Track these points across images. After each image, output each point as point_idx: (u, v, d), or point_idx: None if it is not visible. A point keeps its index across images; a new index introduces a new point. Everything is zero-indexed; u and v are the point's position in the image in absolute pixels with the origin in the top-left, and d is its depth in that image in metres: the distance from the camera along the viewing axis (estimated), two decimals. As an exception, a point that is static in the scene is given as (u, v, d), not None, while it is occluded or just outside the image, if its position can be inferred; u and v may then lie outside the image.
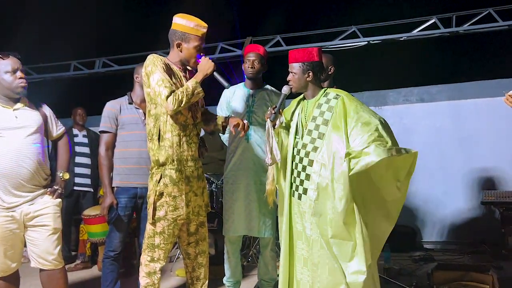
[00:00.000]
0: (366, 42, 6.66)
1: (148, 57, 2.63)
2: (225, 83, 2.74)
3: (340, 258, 2.45)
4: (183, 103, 2.55)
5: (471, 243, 5.36)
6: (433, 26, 6.40)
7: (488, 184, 5.55)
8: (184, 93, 2.56)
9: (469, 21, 6.24)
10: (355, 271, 2.41)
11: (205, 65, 2.68)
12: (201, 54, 2.71)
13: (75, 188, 5.14)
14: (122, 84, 3.60)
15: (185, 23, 2.65)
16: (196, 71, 2.72)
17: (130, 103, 3.33)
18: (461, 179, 5.68)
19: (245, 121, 2.86)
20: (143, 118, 3.24)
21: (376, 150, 2.31)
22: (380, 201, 2.47)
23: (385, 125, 2.51)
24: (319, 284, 2.50)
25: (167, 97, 2.52)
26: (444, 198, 5.73)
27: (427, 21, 6.41)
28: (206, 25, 2.67)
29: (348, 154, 2.38)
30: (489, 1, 6.11)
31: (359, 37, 6.65)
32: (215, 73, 2.71)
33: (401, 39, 6.56)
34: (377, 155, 2.30)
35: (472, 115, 5.75)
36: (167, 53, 2.80)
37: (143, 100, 3.18)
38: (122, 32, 7.58)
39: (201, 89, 2.65)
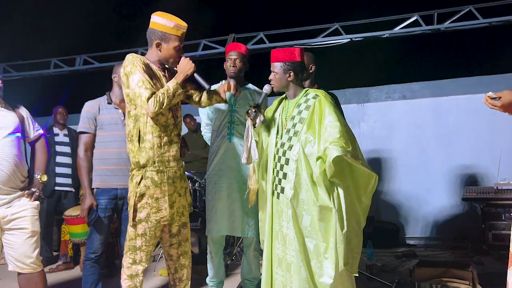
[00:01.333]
0: (349, 40, 6.69)
1: (127, 56, 2.59)
2: (205, 85, 2.71)
3: (314, 258, 2.46)
4: (164, 104, 2.52)
5: (453, 238, 5.44)
6: (415, 24, 6.45)
7: (469, 180, 5.62)
8: (165, 95, 2.52)
9: (450, 18, 6.30)
10: (325, 274, 2.42)
11: (186, 65, 2.64)
12: (181, 54, 2.68)
13: (57, 188, 5.06)
14: (104, 82, 3.54)
15: (164, 23, 2.60)
16: (176, 70, 2.69)
17: (109, 103, 3.28)
18: (443, 175, 5.74)
19: (231, 81, 2.83)
20: (123, 118, 3.20)
21: (336, 149, 2.35)
22: (353, 206, 2.48)
23: (349, 132, 2.53)
24: (291, 284, 2.51)
25: (148, 99, 2.48)
26: (426, 195, 5.78)
27: (409, 18, 6.46)
28: (186, 24, 2.64)
29: (319, 158, 2.42)
30: (470, -1, 6.18)
31: (341, 34, 6.67)
32: (195, 74, 2.67)
33: (383, 36, 6.60)
34: (337, 151, 2.34)
35: (453, 112, 5.81)
36: None
37: (123, 100, 3.14)
38: (103, 28, 7.49)
39: (182, 90, 2.62)
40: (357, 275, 2.53)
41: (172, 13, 2.67)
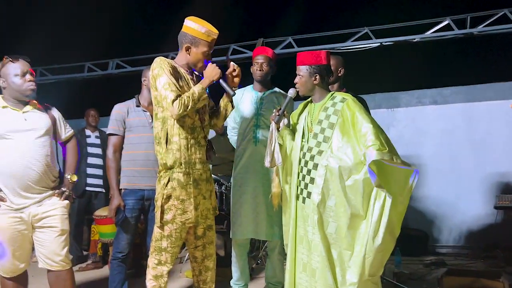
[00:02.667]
0: (379, 44, 6.60)
1: (155, 60, 2.63)
2: (230, 91, 2.74)
3: (338, 265, 2.44)
4: (189, 108, 2.55)
5: (484, 248, 5.27)
6: (447, 28, 6.30)
7: (502, 188, 5.45)
8: (190, 98, 2.55)
9: (483, 22, 6.14)
10: (347, 281, 2.40)
11: (211, 71, 2.67)
12: (208, 60, 2.70)
13: (87, 188, 5.17)
14: (135, 85, 3.61)
15: (196, 28, 2.63)
16: (202, 75, 2.71)
17: (137, 106, 3.34)
18: (474, 182, 5.59)
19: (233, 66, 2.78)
20: (150, 120, 3.25)
21: (375, 153, 2.32)
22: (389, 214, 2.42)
23: (383, 132, 2.50)
24: None
25: (173, 101, 2.51)
26: (457, 202, 5.64)
27: (441, 22, 6.32)
28: (217, 31, 2.66)
29: (360, 164, 2.39)
30: (504, 2, 5.99)
31: (371, 39, 6.58)
32: (221, 80, 2.70)
33: (414, 40, 6.48)
34: (375, 155, 2.31)
35: (486, 118, 5.65)
36: None
37: (151, 103, 3.17)
38: (135, 33, 7.63)
39: (206, 95, 2.64)
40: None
41: (202, 17, 2.71)
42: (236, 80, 2.83)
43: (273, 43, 6.99)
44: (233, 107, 2.93)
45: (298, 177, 2.67)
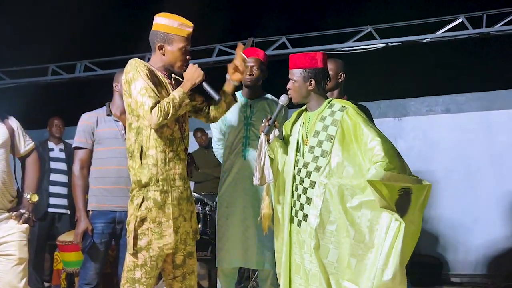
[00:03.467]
0: (384, 45, 6.66)
1: (129, 62, 2.62)
2: (215, 95, 2.73)
3: None
4: (170, 115, 2.54)
5: (506, 276, 5.29)
6: (461, 27, 6.39)
7: (525, 208, 5.50)
8: (171, 105, 2.55)
9: (501, 20, 6.23)
10: None
11: (193, 73, 2.67)
12: (188, 57, 2.71)
13: (50, 209, 5.11)
14: (106, 91, 3.60)
15: (167, 23, 2.66)
16: (183, 77, 2.72)
17: (108, 115, 3.32)
18: (494, 201, 5.62)
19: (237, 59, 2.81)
20: (123, 132, 3.23)
21: (378, 173, 2.34)
22: None
23: (393, 147, 2.52)
24: None
25: (151, 108, 2.50)
26: (474, 224, 5.66)
27: (454, 20, 6.40)
28: (191, 24, 2.69)
29: (369, 182, 2.38)
30: (524, -1, 6.10)
31: (375, 39, 6.65)
32: (204, 83, 2.70)
33: (424, 41, 6.56)
34: (378, 175, 2.33)
35: (506, 128, 5.72)
36: None
37: (124, 112, 3.16)
38: (107, 31, 7.62)
39: (188, 100, 2.64)
40: None
41: (184, 15, 2.72)
42: (235, 77, 2.85)
43: (264, 44, 7.03)
44: (235, 100, 2.96)
45: (292, 197, 2.67)
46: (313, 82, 2.65)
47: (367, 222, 2.39)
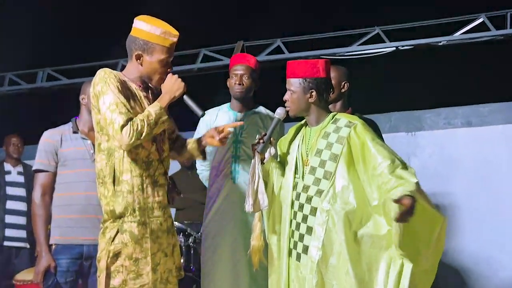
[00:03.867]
0: (394, 48, 6.71)
1: (98, 72, 2.61)
2: (198, 111, 2.72)
3: None
4: (143, 135, 2.52)
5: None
6: (482, 27, 6.44)
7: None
8: (145, 122, 2.53)
9: (528, 20, 6.29)
10: None
11: (172, 85, 2.66)
12: (169, 70, 2.71)
13: (6, 243, 5.09)
14: (72, 104, 3.60)
15: (148, 29, 2.64)
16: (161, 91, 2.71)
17: (75, 132, 3.32)
18: (524, 229, 5.63)
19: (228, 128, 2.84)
20: (92, 152, 3.22)
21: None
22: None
23: (405, 164, 2.56)
24: None
25: (122, 127, 2.48)
26: (501, 255, 5.65)
27: (474, 20, 6.45)
28: (176, 33, 2.68)
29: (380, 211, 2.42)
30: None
31: (384, 42, 6.70)
32: (185, 97, 2.70)
33: (440, 44, 6.61)
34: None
35: (536, 144, 5.74)
36: None
37: (93, 128, 3.16)
38: (73, 35, 7.62)
39: (166, 117, 2.62)
40: None
41: (164, 15, 2.73)
42: (210, 141, 2.88)
43: (256, 47, 7.07)
44: (204, 158, 2.98)
45: (290, 226, 2.66)
46: (314, 93, 2.66)
47: (367, 258, 2.42)
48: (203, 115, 2.77)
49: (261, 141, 2.72)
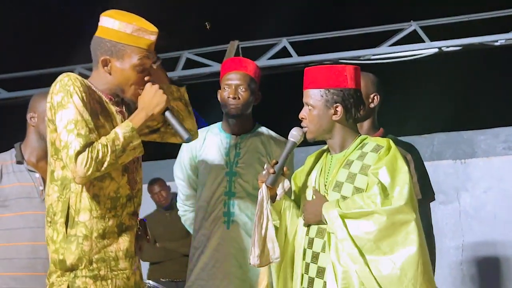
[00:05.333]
0: (436, 50, 6.75)
1: (60, 78, 2.58)
2: (184, 133, 2.69)
3: None
4: (104, 165, 2.49)
5: None
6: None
7: None
8: (108, 148, 2.50)
9: None
10: None
11: (151, 99, 2.64)
12: (147, 78, 2.71)
13: None
14: (16, 125, 3.61)
15: (118, 27, 2.64)
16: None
17: (19, 163, 3.33)
18: None
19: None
20: (42, 188, 3.23)
21: None
22: None
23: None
24: None
25: (78, 153, 2.46)
26: None
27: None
28: (155, 29, 2.68)
29: None
30: None
31: (423, 41, 6.73)
32: (167, 113, 2.69)
33: (496, 43, 6.65)
34: None
35: None
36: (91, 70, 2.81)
37: (44, 157, 3.17)
38: (16, 36, 7.66)
39: (139, 141, 2.60)
40: None
41: (136, 10, 2.75)
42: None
43: (255, 49, 7.09)
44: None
45: (302, 281, 2.67)
46: (339, 108, 2.66)
47: None
48: (189, 139, 2.75)
49: (272, 171, 2.69)
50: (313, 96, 2.67)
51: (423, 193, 3.19)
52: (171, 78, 2.73)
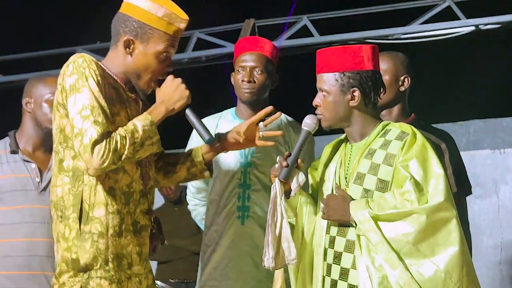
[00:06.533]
0: (473, 28, 6.72)
1: (73, 59, 2.58)
2: (205, 134, 2.71)
3: None
4: (123, 158, 2.50)
5: None
6: None
7: None
8: (127, 140, 2.51)
9: None
10: None
11: (173, 92, 2.67)
12: (168, 68, 2.72)
13: None
14: (11, 112, 3.63)
15: (148, 7, 2.64)
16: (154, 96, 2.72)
17: (13, 152, 3.34)
18: None
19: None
20: (39, 179, 3.25)
21: None
22: None
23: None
24: None
25: (95, 142, 2.46)
26: None
27: None
28: (186, 17, 2.68)
29: None
30: None
31: (458, 19, 6.70)
32: (188, 111, 2.70)
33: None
34: None
35: None
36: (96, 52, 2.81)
37: (40, 146, 3.19)
38: (10, 16, 7.70)
39: (158, 137, 2.62)
40: None
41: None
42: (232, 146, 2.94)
43: (272, 28, 7.09)
44: (211, 175, 2.98)
45: (323, 283, 2.66)
46: (357, 93, 2.65)
47: None
48: (211, 140, 2.77)
49: (285, 164, 2.69)
50: (327, 81, 2.67)
51: (459, 186, 3.19)
52: (181, 60, 2.71)
